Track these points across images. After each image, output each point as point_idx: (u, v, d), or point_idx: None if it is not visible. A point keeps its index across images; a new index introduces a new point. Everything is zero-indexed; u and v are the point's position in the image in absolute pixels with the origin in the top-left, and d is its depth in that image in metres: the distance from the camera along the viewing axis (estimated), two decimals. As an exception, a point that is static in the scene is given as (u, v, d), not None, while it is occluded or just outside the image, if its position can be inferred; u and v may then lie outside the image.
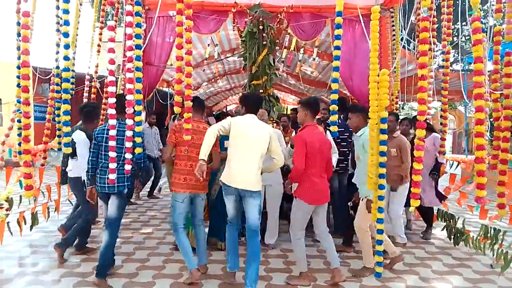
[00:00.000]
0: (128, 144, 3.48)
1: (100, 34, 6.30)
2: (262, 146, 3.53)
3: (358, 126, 4.07)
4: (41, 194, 5.16)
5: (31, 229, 4.91)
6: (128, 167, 3.53)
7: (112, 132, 3.43)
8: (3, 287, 3.55)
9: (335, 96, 4.02)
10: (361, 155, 3.95)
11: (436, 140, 5.02)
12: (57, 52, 5.22)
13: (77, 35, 5.93)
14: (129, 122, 3.45)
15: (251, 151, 3.50)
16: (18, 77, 4.45)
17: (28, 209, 4.92)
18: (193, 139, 3.64)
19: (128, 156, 3.49)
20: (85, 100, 6.30)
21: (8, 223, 4.37)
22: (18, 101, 4.42)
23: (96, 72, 6.30)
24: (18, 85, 4.38)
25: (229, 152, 3.55)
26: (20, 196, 4.61)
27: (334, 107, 4.06)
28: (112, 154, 3.42)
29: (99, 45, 6.24)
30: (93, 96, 6.18)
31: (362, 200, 3.93)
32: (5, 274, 3.84)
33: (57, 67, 3.61)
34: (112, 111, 3.42)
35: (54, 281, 3.70)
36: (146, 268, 4.04)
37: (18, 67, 4.48)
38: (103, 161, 3.59)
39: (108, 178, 3.50)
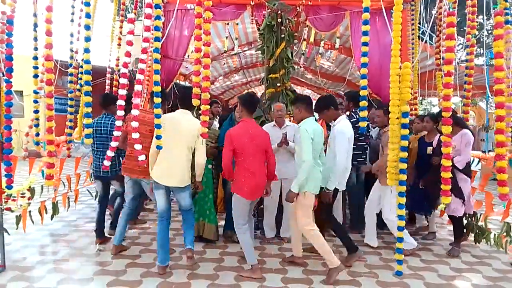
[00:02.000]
0: (186, 142, 3.67)
1: (121, 27, 6.35)
2: (189, 140, 3.69)
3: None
4: (61, 184, 5.27)
5: (52, 218, 5.02)
6: (142, 157, 3.55)
7: (119, 123, 3.56)
8: (25, 273, 3.65)
9: (364, 92, 3.96)
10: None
11: (464, 137, 4.27)
12: (71, 43, 5.27)
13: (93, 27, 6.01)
14: (134, 112, 3.46)
15: (178, 148, 3.68)
16: (35, 67, 4.53)
17: (49, 198, 5.03)
18: (139, 129, 3.61)
19: (138, 147, 3.51)
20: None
21: (30, 212, 4.47)
22: (35, 92, 4.49)
23: (117, 65, 6.37)
24: (35, 76, 4.47)
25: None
26: (42, 186, 4.71)
27: (364, 103, 3.98)
28: (114, 144, 3.58)
29: (119, 38, 6.29)
30: (114, 89, 6.25)
31: (299, 195, 3.63)
32: (27, 261, 3.95)
33: (87, 61, 3.64)
34: (121, 102, 3.46)
35: (74, 269, 3.78)
36: (135, 265, 3.97)
37: (35, 58, 4.58)
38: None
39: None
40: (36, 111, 4.73)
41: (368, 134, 4.99)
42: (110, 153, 3.61)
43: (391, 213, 4.17)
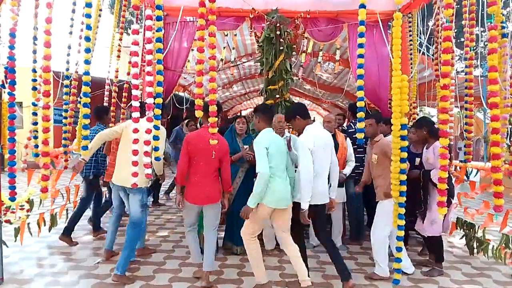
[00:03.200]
0: (147, 148, 3.52)
1: (120, 39, 6.39)
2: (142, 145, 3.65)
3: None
4: (60, 196, 5.25)
5: (49, 230, 4.99)
6: (148, 171, 3.56)
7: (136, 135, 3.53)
8: (23, 286, 3.62)
9: (361, 104, 3.93)
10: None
11: (436, 150, 3.90)
12: (68, 54, 5.29)
13: (95, 39, 6.05)
14: (148, 125, 3.50)
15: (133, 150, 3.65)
16: (34, 80, 4.55)
17: (48, 210, 5.00)
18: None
19: (147, 159, 3.53)
20: (105, 104, 6.43)
21: (28, 224, 4.45)
22: (34, 104, 4.50)
23: (116, 77, 6.40)
24: (34, 88, 4.48)
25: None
26: (40, 198, 4.69)
27: (361, 114, 3.90)
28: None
29: (119, 50, 6.33)
30: (113, 100, 6.27)
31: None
32: (24, 274, 3.91)
33: (87, 73, 3.66)
34: (136, 114, 3.46)
35: (72, 282, 3.75)
36: (162, 271, 4.07)
37: (34, 71, 4.60)
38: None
39: None
40: (35, 123, 4.73)
41: (366, 145, 5.00)
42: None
43: (379, 231, 3.95)
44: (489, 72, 3.10)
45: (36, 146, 4.76)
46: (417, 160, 4.43)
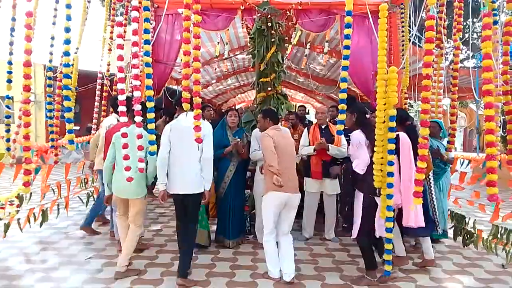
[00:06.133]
0: (139, 142, 3.49)
1: (111, 32, 6.31)
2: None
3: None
4: (51, 191, 5.21)
5: (41, 225, 4.96)
6: (141, 165, 3.53)
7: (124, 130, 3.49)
8: (13, 283, 3.59)
9: (343, 95, 3.91)
10: None
11: (353, 138, 3.77)
12: (51, 45, 5.19)
13: (83, 31, 5.97)
14: (137, 119, 3.45)
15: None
16: (9, 72, 4.42)
17: (38, 205, 4.97)
18: None
19: (141, 154, 3.50)
20: (96, 98, 6.37)
21: (18, 219, 4.41)
22: (7, 97, 4.37)
23: (108, 71, 6.33)
24: (9, 81, 4.38)
25: None
26: (30, 193, 4.65)
27: (342, 106, 3.87)
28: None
29: (111, 38, 6.25)
30: (105, 94, 6.21)
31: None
32: (15, 270, 3.88)
33: (67, 65, 3.56)
34: (122, 108, 3.42)
35: (63, 277, 3.73)
36: (155, 265, 4.06)
37: (9, 63, 4.48)
38: None
39: None
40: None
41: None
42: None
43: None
44: (483, 60, 3.07)
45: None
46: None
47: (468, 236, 4.64)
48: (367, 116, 3.86)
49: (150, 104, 3.53)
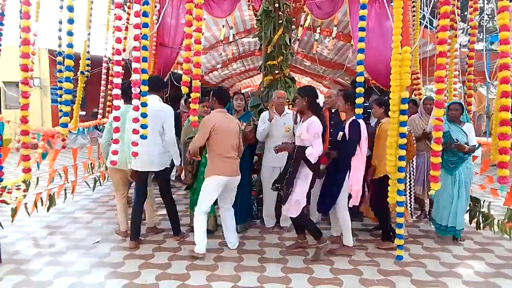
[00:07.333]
0: (134, 125, 3.43)
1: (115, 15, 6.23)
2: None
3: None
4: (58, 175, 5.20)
5: (48, 210, 4.96)
6: (135, 148, 3.48)
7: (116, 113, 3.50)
8: (21, 267, 3.59)
9: (361, 79, 3.81)
10: None
11: (310, 126, 3.61)
12: (60, 30, 5.11)
13: (91, 15, 5.91)
14: (135, 102, 3.40)
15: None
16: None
17: (45, 190, 4.96)
18: None
19: (135, 137, 3.45)
20: (102, 82, 6.32)
21: (25, 204, 4.41)
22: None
23: (113, 54, 6.27)
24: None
25: None
26: (37, 178, 4.64)
27: (360, 90, 3.75)
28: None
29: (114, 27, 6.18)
30: (110, 78, 6.15)
31: None
32: (23, 254, 3.89)
33: (70, 45, 3.45)
34: (117, 91, 3.36)
35: (71, 261, 3.73)
36: (162, 249, 4.05)
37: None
38: None
39: None
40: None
41: (368, 122, 4.89)
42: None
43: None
44: (500, 32, 2.91)
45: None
46: (340, 134, 3.90)
47: (484, 219, 4.54)
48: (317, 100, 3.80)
49: (144, 88, 3.48)
